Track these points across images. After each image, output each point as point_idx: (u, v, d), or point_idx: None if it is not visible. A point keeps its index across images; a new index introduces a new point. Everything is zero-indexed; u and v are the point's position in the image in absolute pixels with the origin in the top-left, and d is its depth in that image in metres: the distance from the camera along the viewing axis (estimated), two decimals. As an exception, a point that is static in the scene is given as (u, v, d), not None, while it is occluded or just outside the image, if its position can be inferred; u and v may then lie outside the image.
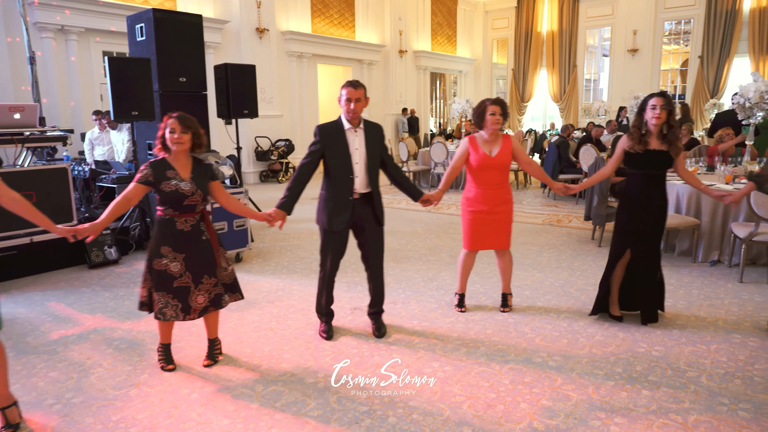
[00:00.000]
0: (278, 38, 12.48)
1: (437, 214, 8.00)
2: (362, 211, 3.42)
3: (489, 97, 3.76)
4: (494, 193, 3.78)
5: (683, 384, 2.92)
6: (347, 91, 3.31)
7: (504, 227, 3.85)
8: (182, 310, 3.01)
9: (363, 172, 3.37)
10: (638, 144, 3.50)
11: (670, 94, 17.02)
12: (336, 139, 3.33)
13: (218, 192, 3.15)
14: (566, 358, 3.25)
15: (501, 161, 3.73)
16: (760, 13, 14.54)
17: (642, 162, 3.53)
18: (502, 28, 19.46)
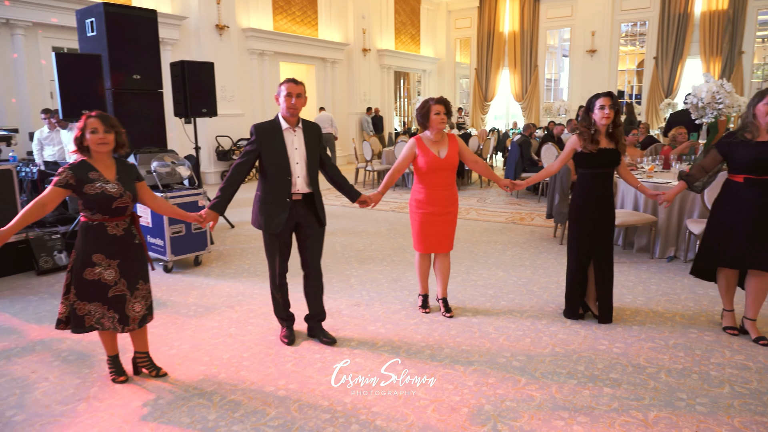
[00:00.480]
0: (239, 35, 12.23)
1: (402, 213, 7.97)
2: (302, 212, 3.34)
3: (432, 97, 3.72)
4: (444, 194, 3.74)
5: (643, 381, 2.96)
6: (287, 86, 3.21)
7: (451, 229, 3.83)
8: (120, 321, 2.86)
9: (303, 173, 3.29)
10: (590, 143, 3.53)
11: (627, 93, 17.51)
12: (273, 139, 3.23)
13: (145, 193, 3.02)
14: (529, 357, 3.25)
15: (450, 162, 3.70)
16: (710, 17, 15.07)
17: (595, 161, 3.58)
18: (465, 27, 19.61)
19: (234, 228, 7.03)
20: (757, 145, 3.27)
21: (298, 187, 3.28)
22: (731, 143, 3.37)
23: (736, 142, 3.34)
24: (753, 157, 3.26)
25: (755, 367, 3.10)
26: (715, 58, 15.11)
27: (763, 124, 3.25)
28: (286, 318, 3.59)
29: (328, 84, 15.00)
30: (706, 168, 3.55)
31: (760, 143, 3.26)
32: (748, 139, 3.29)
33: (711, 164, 3.53)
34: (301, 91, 3.24)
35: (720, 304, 4.07)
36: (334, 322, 3.85)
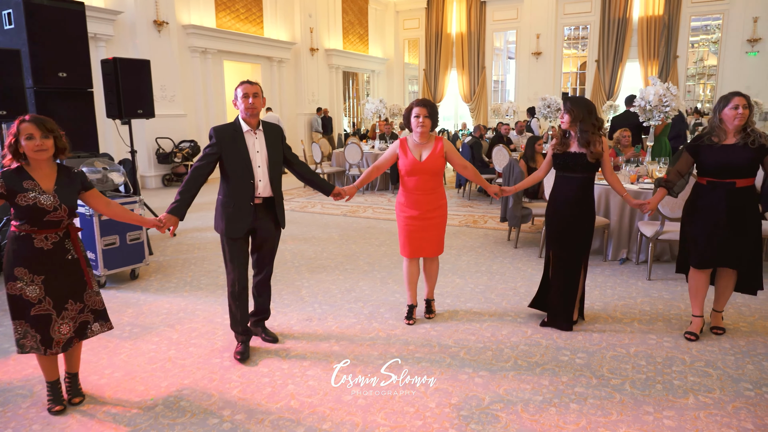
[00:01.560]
0: (179, 32, 11.66)
1: (354, 218, 7.75)
2: (263, 215, 3.27)
3: (418, 98, 3.62)
4: (425, 198, 3.62)
5: (609, 394, 2.86)
6: (243, 87, 3.16)
7: (437, 234, 3.71)
8: (42, 342, 2.57)
9: (266, 176, 3.22)
10: (560, 145, 3.54)
11: (571, 95, 17.95)
12: (234, 141, 3.15)
13: (95, 201, 2.75)
14: (492, 372, 3.11)
15: (431, 166, 3.57)
16: (647, 22, 15.64)
17: (560, 164, 3.56)
18: (413, 28, 19.59)
19: (176, 236, 6.60)
20: (721, 149, 3.29)
21: (260, 191, 3.21)
22: (698, 146, 3.39)
23: (703, 145, 3.37)
24: (716, 161, 3.30)
25: (715, 374, 3.07)
26: (652, 61, 15.69)
27: (731, 128, 3.28)
28: (242, 332, 3.37)
29: (275, 84, 14.58)
30: (682, 172, 3.55)
31: (725, 147, 3.29)
32: (715, 142, 3.32)
33: (685, 167, 3.53)
34: (257, 90, 3.17)
35: (674, 308, 4.09)
36: (285, 338, 3.59)
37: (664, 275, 4.87)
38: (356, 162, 9.80)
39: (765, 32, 14.43)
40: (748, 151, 3.22)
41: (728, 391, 2.88)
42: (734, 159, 3.24)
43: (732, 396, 2.83)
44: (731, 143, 3.28)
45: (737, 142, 3.26)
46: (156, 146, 11.03)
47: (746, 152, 3.23)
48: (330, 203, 8.85)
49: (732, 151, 3.26)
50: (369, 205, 8.62)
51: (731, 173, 3.28)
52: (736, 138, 3.27)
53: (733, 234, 3.32)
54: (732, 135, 3.29)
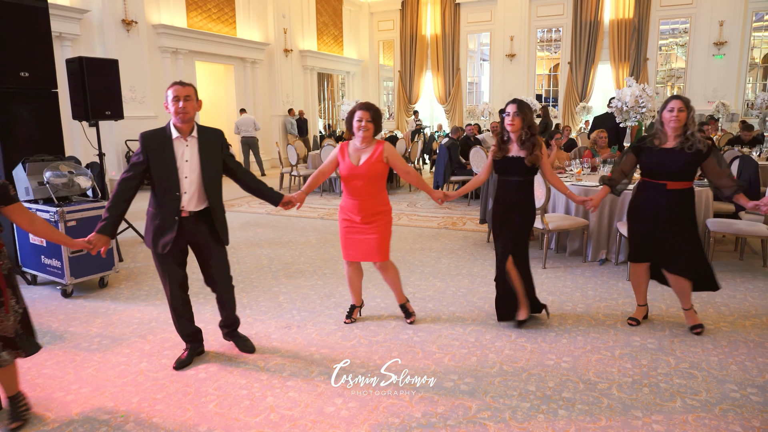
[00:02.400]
0: (149, 32, 11.37)
1: (331, 221, 7.62)
2: (196, 230, 3.06)
3: (361, 101, 3.54)
4: (365, 203, 3.51)
5: (596, 398, 2.82)
6: (173, 89, 2.92)
7: (377, 239, 3.57)
8: None
9: (194, 188, 2.99)
10: (499, 150, 3.54)
11: (544, 97, 18.13)
12: (161, 149, 2.92)
13: (18, 216, 2.59)
14: (478, 379, 3.03)
15: (368, 171, 3.44)
16: (618, 24, 15.90)
17: (501, 168, 3.57)
18: (388, 30, 19.54)
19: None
20: (660, 152, 3.38)
21: (186, 204, 2.98)
22: (641, 147, 3.49)
23: (645, 146, 3.46)
24: (652, 162, 3.40)
25: (700, 375, 3.06)
26: (623, 63, 15.95)
27: (669, 131, 3.34)
28: (187, 341, 3.30)
29: (248, 85, 14.35)
30: (625, 171, 3.62)
31: (664, 150, 3.36)
32: (656, 144, 3.40)
33: (629, 167, 3.61)
34: (189, 93, 2.92)
35: (656, 308, 4.08)
36: (263, 348, 3.46)
37: (643, 275, 4.87)
38: (333, 164, 9.65)
39: (730, 35, 14.81)
40: (684, 155, 3.29)
41: (714, 393, 2.86)
42: (669, 162, 3.33)
43: (718, 398, 2.81)
44: (671, 147, 3.34)
45: (676, 146, 3.32)
46: (126, 149, 10.71)
47: (682, 156, 3.30)
48: (307, 206, 8.70)
49: (669, 154, 3.33)
50: (346, 208, 8.50)
51: (664, 175, 3.37)
52: (676, 141, 3.34)
53: (666, 235, 3.40)
54: (672, 138, 3.35)
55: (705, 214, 5.22)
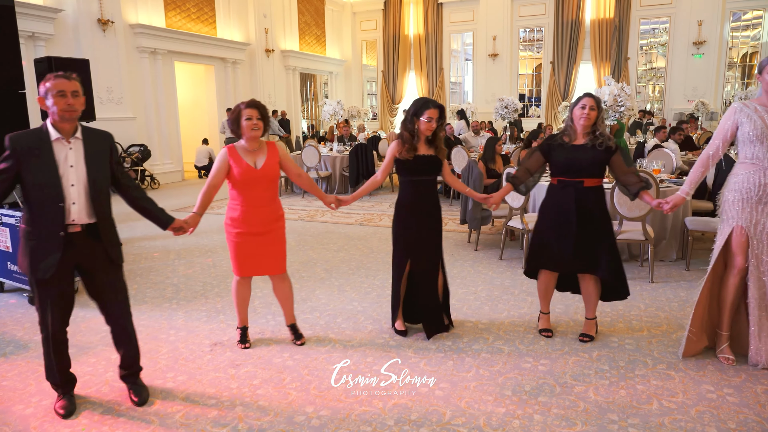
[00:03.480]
0: (126, 32, 11.16)
1: (311, 222, 7.53)
2: (85, 249, 2.63)
3: (245, 100, 3.28)
4: (263, 211, 3.28)
5: (573, 402, 2.77)
6: (58, 82, 2.47)
7: (277, 248, 3.38)
8: None
9: (83, 197, 2.57)
10: (408, 151, 3.39)
11: (527, 96, 18.19)
12: (38, 153, 2.49)
13: None
14: (453, 384, 2.97)
15: (269, 173, 3.25)
16: (599, 24, 15.99)
17: (413, 169, 3.43)
18: (371, 29, 19.47)
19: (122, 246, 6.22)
20: (571, 148, 3.34)
21: (75, 217, 2.56)
22: (551, 145, 3.43)
23: (555, 144, 3.41)
24: (565, 160, 3.33)
25: (677, 376, 3.03)
26: (604, 63, 16.05)
27: (578, 128, 3.32)
28: (62, 384, 2.79)
29: (229, 85, 14.17)
30: (531, 170, 3.54)
31: (575, 146, 3.33)
32: (566, 142, 3.36)
33: (535, 166, 3.53)
34: (77, 88, 2.53)
35: (634, 308, 4.06)
36: (235, 355, 3.36)
37: (622, 275, 4.86)
38: (314, 165, 9.57)
39: (709, 35, 14.96)
40: (595, 152, 3.27)
41: (690, 395, 2.83)
42: (582, 159, 3.28)
43: (694, 399, 2.78)
44: (581, 144, 3.32)
45: (586, 143, 3.30)
46: (102, 151, 10.49)
47: (593, 153, 3.27)
48: (286, 207, 8.60)
49: (582, 151, 3.30)
50: (327, 209, 8.41)
51: (579, 173, 3.30)
52: (585, 139, 3.31)
53: (584, 236, 3.31)
54: (581, 135, 3.33)
55: (683, 212, 5.22)
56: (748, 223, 3.05)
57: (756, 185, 2.99)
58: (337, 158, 9.98)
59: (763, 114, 2.98)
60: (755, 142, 2.98)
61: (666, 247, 5.29)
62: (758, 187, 2.99)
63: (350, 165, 9.57)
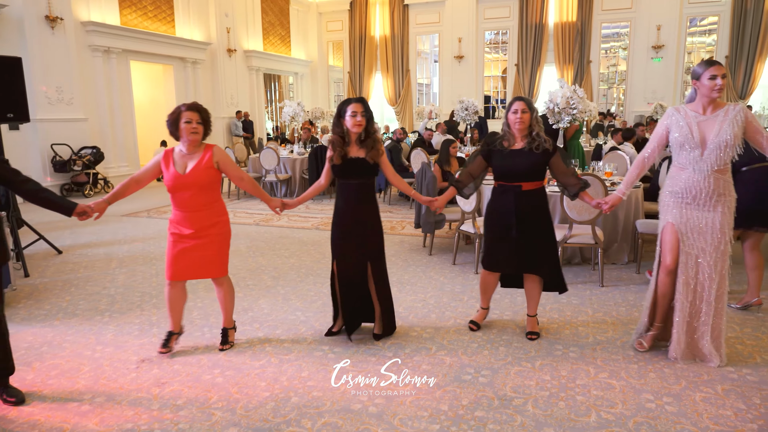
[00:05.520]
0: (77, 29, 10.75)
1: (266, 227, 7.33)
2: None
3: (185, 102, 3.21)
4: (197, 215, 3.20)
5: (510, 416, 2.67)
6: None
7: (214, 253, 3.28)
8: None
9: None
10: (338, 154, 3.31)
11: (493, 98, 18.27)
12: None
13: None
14: (389, 399, 2.84)
15: (196, 180, 3.13)
16: (562, 27, 16.16)
17: (343, 172, 3.35)
18: (337, 30, 19.29)
19: (62, 254, 5.94)
20: (510, 153, 3.34)
21: None
22: (491, 150, 3.43)
23: (495, 149, 3.40)
24: (503, 164, 3.35)
25: (618, 385, 2.96)
26: (567, 66, 16.23)
27: (516, 133, 3.32)
28: None
29: (189, 86, 13.82)
30: (473, 173, 3.54)
31: (513, 151, 3.34)
32: (505, 146, 3.36)
33: (477, 170, 3.53)
34: None
35: (582, 314, 4.01)
36: (162, 372, 3.17)
37: (574, 278, 4.82)
38: (272, 168, 9.36)
39: (667, 39, 15.26)
40: (533, 155, 3.28)
41: (630, 405, 2.76)
42: (519, 163, 3.29)
43: (633, 410, 2.71)
44: (519, 148, 3.33)
45: (524, 147, 3.31)
46: (52, 154, 10.08)
47: (532, 156, 3.29)
48: (242, 211, 8.37)
49: (519, 155, 3.31)
50: (285, 213, 8.21)
51: (517, 177, 3.32)
52: (523, 142, 3.32)
53: (525, 239, 3.35)
54: (520, 139, 3.33)
55: (635, 215, 5.22)
56: (679, 223, 3.12)
57: (685, 188, 3.07)
58: (297, 161, 9.78)
59: (692, 120, 3.03)
60: (682, 147, 3.05)
61: (617, 250, 5.28)
62: (687, 189, 3.07)
63: (310, 167, 9.38)
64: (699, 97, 3.06)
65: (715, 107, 3.03)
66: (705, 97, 3.03)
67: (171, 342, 3.42)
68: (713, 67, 2.97)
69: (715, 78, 2.95)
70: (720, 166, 3.00)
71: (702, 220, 3.06)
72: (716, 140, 2.95)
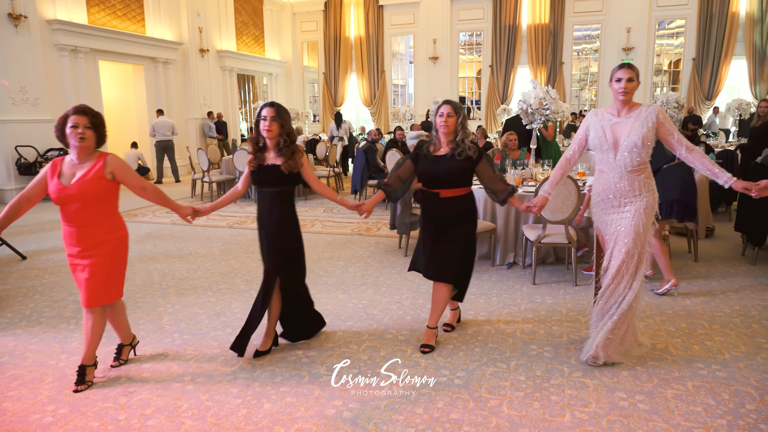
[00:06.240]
0: (43, 28, 10.44)
1: (240, 230, 7.22)
2: None
3: (76, 105, 2.93)
4: (84, 232, 2.87)
5: (485, 418, 2.66)
6: None
7: (90, 277, 2.88)
8: None
9: None
10: (256, 159, 3.19)
11: (468, 99, 18.37)
12: None
13: None
14: (363, 403, 2.80)
15: (82, 192, 2.80)
16: (535, 29, 16.34)
17: (257, 179, 3.21)
18: (311, 30, 19.16)
19: (26, 260, 5.74)
20: (434, 159, 3.26)
21: None
22: (418, 155, 3.34)
23: (422, 154, 3.32)
24: (426, 170, 3.27)
25: (592, 384, 2.98)
26: (541, 67, 16.40)
27: (442, 137, 3.25)
28: None
29: (160, 86, 13.55)
30: (402, 177, 3.43)
31: (436, 157, 3.26)
32: (431, 152, 3.29)
33: (406, 174, 3.42)
34: None
35: (556, 314, 4.03)
36: (130, 381, 3.07)
37: (548, 278, 4.86)
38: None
39: (637, 42, 15.55)
40: (455, 162, 3.20)
41: (603, 403, 2.78)
42: (440, 169, 3.21)
43: (607, 409, 2.73)
44: (442, 154, 3.26)
45: (448, 153, 3.23)
46: (16, 156, 9.78)
47: (452, 164, 3.20)
48: (216, 214, 8.23)
49: (441, 161, 3.23)
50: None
51: (437, 183, 3.25)
52: (448, 148, 3.23)
53: (440, 246, 3.32)
54: (445, 144, 3.27)
55: (607, 215, 5.27)
56: (602, 224, 3.20)
57: (604, 189, 3.12)
58: (272, 162, 9.65)
59: (606, 123, 3.06)
60: (598, 150, 3.10)
61: (591, 250, 5.33)
62: (605, 191, 3.11)
63: (284, 169, 9.28)
64: (614, 100, 3.10)
65: (629, 109, 3.05)
66: (615, 100, 3.07)
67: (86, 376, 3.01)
68: (620, 71, 3.01)
69: (620, 81, 2.98)
70: (634, 166, 3.03)
71: (618, 221, 3.08)
72: (627, 141, 2.98)
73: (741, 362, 3.22)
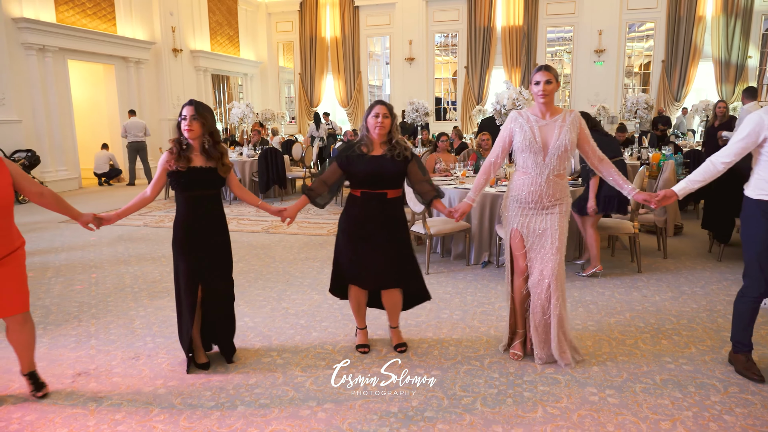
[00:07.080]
0: (8, 26, 10.18)
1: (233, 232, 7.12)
2: None
3: None
4: None
5: (459, 415, 2.68)
6: None
7: (17, 283, 2.79)
8: None
9: None
10: (179, 161, 2.99)
11: (444, 100, 18.48)
12: None
13: None
14: (338, 404, 2.80)
15: None
16: (509, 31, 16.53)
17: (187, 183, 3.02)
18: (287, 31, 19.06)
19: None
20: (371, 160, 3.15)
21: None
22: (349, 157, 3.20)
23: (354, 155, 3.19)
24: (366, 171, 3.15)
25: (564, 380, 3.03)
26: (515, 68, 16.60)
27: (375, 137, 3.17)
28: None
29: (132, 87, 13.32)
30: (328, 182, 3.32)
31: (374, 157, 3.15)
32: (364, 152, 3.17)
33: (332, 178, 3.31)
34: None
35: (530, 310, 4.08)
36: (100, 386, 3.02)
37: (522, 277, 4.91)
38: (221, 170, 9.12)
39: (609, 44, 15.86)
40: (395, 162, 3.14)
41: (574, 399, 2.83)
42: (383, 170, 3.14)
43: (578, 403, 2.78)
44: (379, 154, 3.16)
45: (385, 154, 3.16)
46: (-19, 157, 9.49)
47: (394, 164, 3.14)
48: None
49: (382, 161, 3.14)
50: (234, 216, 8.03)
51: (383, 184, 3.17)
52: (383, 149, 3.17)
53: (389, 248, 3.21)
54: (378, 145, 3.18)
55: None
56: (522, 227, 3.16)
57: (527, 192, 3.09)
58: (247, 163, 9.58)
59: (533, 124, 3.05)
60: (525, 152, 3.06)
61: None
62: (530, 194, 3.09)
63: (260, 170, 9.22)
64: (535, 102, 3.11)
65: (553, 112, 3.07)
66: (537, 102, 3.08)
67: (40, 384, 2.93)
68: (538, 73, 3.00)
69: (539, 84, 2.99)
70: (560, 170, 3.07)
71: (541, 224, 3.10)
72: (556, 144, 3.00)
73: (707, 356, 3.31)
